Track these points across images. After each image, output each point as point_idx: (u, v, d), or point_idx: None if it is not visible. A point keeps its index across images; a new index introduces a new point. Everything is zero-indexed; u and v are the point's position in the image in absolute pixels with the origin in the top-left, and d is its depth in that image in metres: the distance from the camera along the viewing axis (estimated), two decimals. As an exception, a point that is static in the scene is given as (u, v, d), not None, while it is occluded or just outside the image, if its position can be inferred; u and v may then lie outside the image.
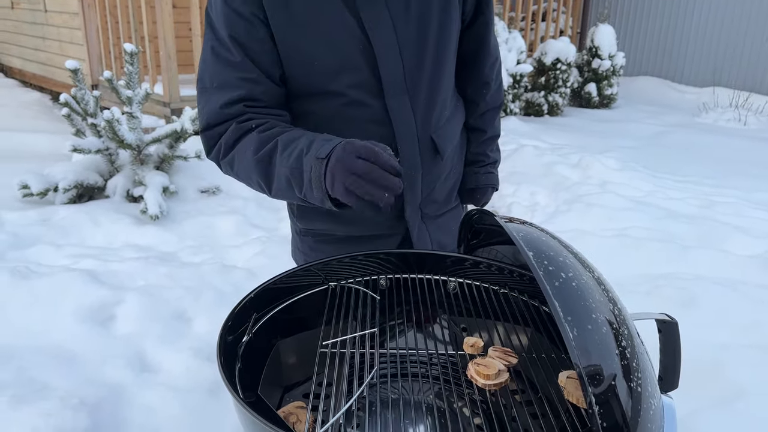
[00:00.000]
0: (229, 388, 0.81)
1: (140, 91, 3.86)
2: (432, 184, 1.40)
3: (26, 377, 2.00)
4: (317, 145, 1.03)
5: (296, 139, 1.08)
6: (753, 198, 4.51)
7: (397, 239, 1.44)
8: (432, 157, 1.35)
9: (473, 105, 1.49)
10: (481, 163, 1.54)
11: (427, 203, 1.41)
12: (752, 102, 8.49)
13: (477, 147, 1.53)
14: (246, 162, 1.12)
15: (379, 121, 1.25)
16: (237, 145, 1.14)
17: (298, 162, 1.04)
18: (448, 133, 1.39)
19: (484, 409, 1.00)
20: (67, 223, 3.56)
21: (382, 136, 1.25)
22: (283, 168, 1.06)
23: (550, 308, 0.79)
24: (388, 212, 1.37)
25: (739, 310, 2.62)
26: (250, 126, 1.14)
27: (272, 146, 1.09)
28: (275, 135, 1.11)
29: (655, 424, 0.80)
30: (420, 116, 1.29)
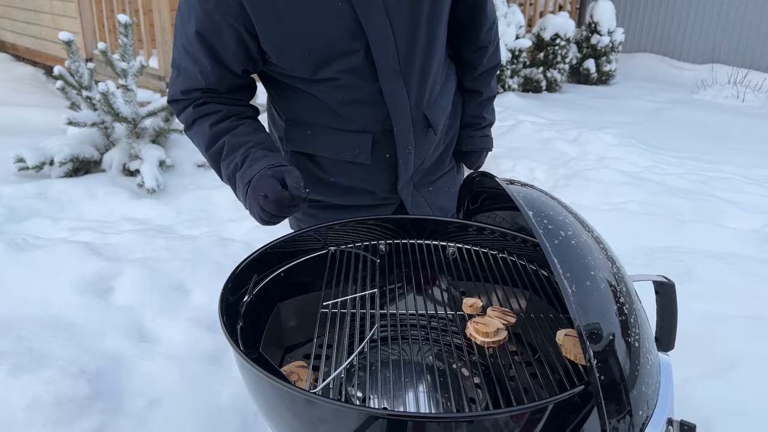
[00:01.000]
0: (232, 343, 0.82)
1: (135, 64, 3.82)
2: (423, 155, 1.40)
3: (26, 347, 2.00)
4: (246, 165, 1.16)
5: (237, 148, 1.20)
6: (750, 174, 4.52)
7: (391, 208, 1.45)
8: (424, 132, 1.36)
9: (470, 68, 1.47)
10: (477, 125, 1.53)
11: (417, 173, 1.42)
12: (751, 79, 8.46)
13: (473, 109, 1.52)
14: (201, 150, 1.28)
15: (373, 103, 1.26)
16: (193, 126, 1.26)
17: (233, 176, 1.20)
18: (440, 107, 1.39)
19: (483, 369, 1.02)
20: (64, 196, 3.55)
21: (377, 116, 1.27)
22: (224, 174, 1.23)
23: (550, 265, 0.80)
24: (382, 186, 1.39)
25: (734, 282, 2.64)
26: (205, 112, 1.24)
27: (219, 147, 1.22)
28: (223, 133, 1.23)
29: (652, 379, 0.81)
30: (413, 96, 1.28)
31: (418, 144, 1.35)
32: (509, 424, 0.75)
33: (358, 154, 1.31)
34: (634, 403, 0.76)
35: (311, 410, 0.76)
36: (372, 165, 1.33)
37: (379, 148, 1.31)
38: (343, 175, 1.37)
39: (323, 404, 0.74)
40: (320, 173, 1.38)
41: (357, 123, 1.28)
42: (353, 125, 1.29)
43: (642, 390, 0.78)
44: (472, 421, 0.73)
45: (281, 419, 0.84)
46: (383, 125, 1.28)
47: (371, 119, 1.28)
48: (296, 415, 0.79)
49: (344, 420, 0.73)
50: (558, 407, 0.76)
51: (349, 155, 1.32)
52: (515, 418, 0.75)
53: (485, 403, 0.97)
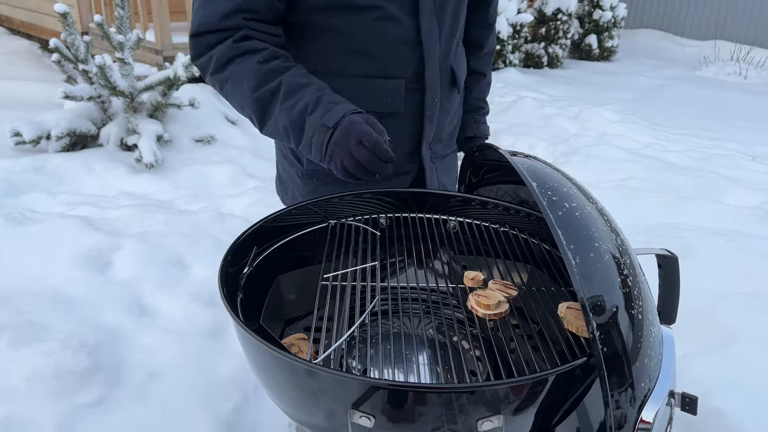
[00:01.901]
0: (232, 314, 0.81)
1: (132, 36, 3.77)
2: (443, 118, 1.37)
3: (25, 320, 2.00)
4: (323, 107, 1.02)
5: (301, 88, 1.05)
6: (751, 151, 4.50)
7: (408, 179, 1.41)
8: (449, 88, 1.33)
9: (476, 48, 1.47)
10: (481, 110, 1.54)
11: (435, 141, 1.39)
12: (753, 55, 8.39)
13: (478, 92, 1.52)
14: (241, 93, 1.09)
15: (409, 42, 1.22)
16: (230, 65, 1.09)
17: (300, 119, 1.04)
18: (462, 65, 1.38)
19: (484, 341, 1.01)
20: (62, 170, 3.53)
21: (410, 57, 1.23)
22: (283, 118, 1.05)
23: (553, 237, 0.79)
24: (404, 146, 1.34)
25: (735, 259, 2.64)
26: (248, 48, 1.09)
27: (274, 87, 1.06)
28: (277, 72, 1.08)
29: (654, 351, 0.80)
30: (443, 42, 1.26)
31: (443, 100, 1.33)
32: (510, 395, 0.75)
33: (391, 102, 1.26)
34: (636, 376, 0.76)
35: (312, 381, 0.76)
36: (402, 115, 1.28)
37: (410, 96, 1.27)
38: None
39: (324, 374, 0.73)
40: None
41: (391, 66, 1.23)
42: (385, 69, 1.23)
43: (644, 362, 0.77)
44: (473, 391, 0.73)
45: (282, 390, 0.84)
46: (415, 69, 1.25)
47: (405, 61, 1.24)
48: (297, 386, 0.79)
49: (345, 390, 0.73)
50: (559, 379, 0.76)
51: (381, 106, 1.25)
52: (516, 390, 0.74)
53: (486, 375, 0.97)
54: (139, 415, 1.76)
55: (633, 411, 0.76)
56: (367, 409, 0.73)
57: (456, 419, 0.73)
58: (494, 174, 1.27)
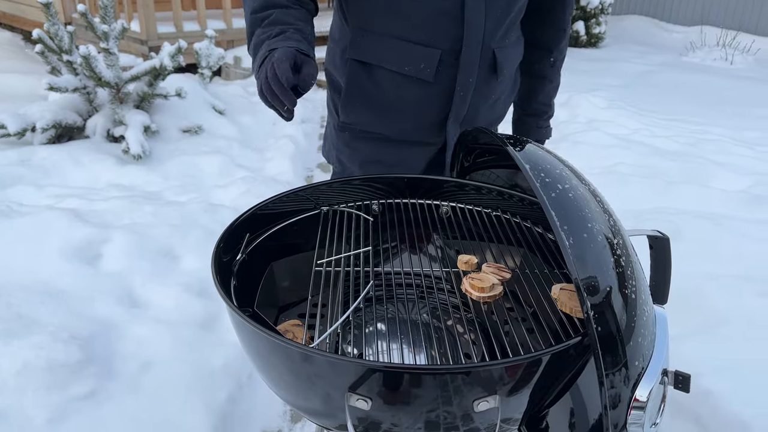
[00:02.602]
0: (226, 300, 0.81)
1: (116, 26, 3.72)
2: (479, 103, 1.36)
3: (14, 313, 1.98)
4: (280, 38, 1.09)
5: (279, 23, 1.12)
6: (738, 136, 4.53)
7: (433, 150, 1.42)
8: (489, 73, 1.32)
9: (545, 52, 1.47)
10: (545, 115, 1.55)
11: (467, 122, 1.38)
12: (739, 41, 8.43)
13: (544, 97, 1.53)
14: (246, 11, 1.19)
15: (451, 15, 1.22)
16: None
17: (262, 42, 1.12)
18: (509, 56, 1.36)
19: (479, 324, 1.02)
20: (48, 163, 3.48)
21: (451, 31, 1.23)
22: (255, 39, 1.14)
23: (547, 218, 0.79)
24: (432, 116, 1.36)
25: (723, 242, 2.66)
26: None
27: (266, 15, 1.14)
28: (276, 5, 1.15)
29: (648, 330, 0.81)
30: (489, 25, 1.25)
31: (480, 83, 1.32)
32: (504, 376, 0.75)
33: (423, 69, 1.27)
34: (630, 355, 0.76)
35: (308, 365, 0.76)
36: (432, 85, 1.29)
37: (442, 69, 1.28)
38: (397, 95, 1.32)
39: (320, 358, 0.73)
40: (374, 90, 1.33)
41: (430, 35, 1.24)
42: (424, 37, 1.25)
43: (638, 342, 0.78)
44: (468, 372, 0.73)
45: (277, 375, 0.84)
46: (453, 44, 1.25)
47: (445, 33, 1.24)
48: (293, 370, 0.79)
49: (342, 374, 0.73)
50: (554, 359, 0.76)
51: (412, 69, 1.27)
52: (511, 370, 0.75)
53: (480, 357, 0.98)
54: (133, 406, 1.75)
55: (627, 390, 0.76)
56: (364, 391, 0.73)
57: (452, 400, 0.74)
58: (487, 158, 1.27)
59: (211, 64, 4.66)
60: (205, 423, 1.73)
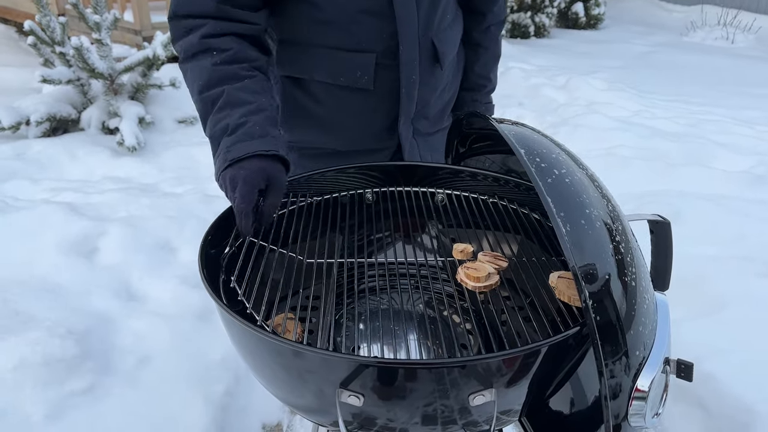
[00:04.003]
0: (213, 296, 0.79)
1: (108, 16, 3.67)
2: (428, 96, 1.31)
3: (10, 309, 1.97)
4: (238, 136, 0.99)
5: (235, 106, 1.02)
6: (739, 116, 4.49)
7: (387, 154, 1.37)
8: (431, 64, 1.26)
9: (478, 16, 1.39)
10: (483, 87, 1.46)
11: (419, 118, 1.33)
12: (740, 19, 8.34)
13: (480, 68, 1.44)
14: (192, 90, 1.08)
15: (381, 15, 1.16)
16: (193, 60, 1.07)
17: (219, 136, 1.01)
18: (449, 39, 1.30)
19: (475, 315, 0.99)
20: (43, 156, 3.46)
21: (383, 30, 1.17)
22: (210, 128, 1.04)
23: (543, 205, 0.76)
24: (380, 122, 1.30)
25: (725, 224, 2.64)
26: (212, 46, 1.06)
27: (216, 95, 1.03)
28: (227, 79, 1.04)
29: (648, 319, 0.79)
30: (423, 15, 1.19)
31: (424, 77, 1.26)
32: (502, 368, 0.73)
33: (360, 77, 1.20)
34: (630, 344, 0.74)
35: (300, 361, 0.74)
36: (374, 92, 1.23)
37: (381, 73, 1.21)
38: (337, 107, 1.25)
39: (310, 354, 0.71)
40: (312, 106, 1.27)
41: (360, 39, 1.18)
42: (355, 43, 1.18)
43: (639, 330, 0.76)
44: (464, 366, 0.71)
45: (269, 372, 0.82)
46: (388, 43, 1.18)
47: (376, 35, 1.17)
48: (284, 367, 0.77)
49: (334, 370, 0.71)
50: (552, 350, 0.74)
51: (348, 79, 1.21)
52: (508, 362, 0.73)
53: (477, 348, 0.96)
54: (131, 400, 1.74)
55: (628, 380, 0.74)
56: (356, 387, 0.71)
57: (447, 395, 0.72)
58: (482, 144, 1.24)
59: (206, 53, 4.61)
60: (204, 416, 1.72)
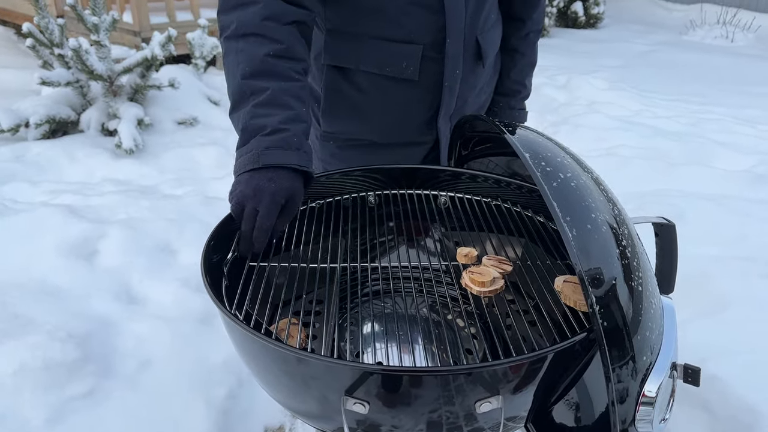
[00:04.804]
0: (216, 302, 0.78)
1: (107, 18, 3.66)
2: (467, 93, 1.32)
3: (10, 313, 1.96)
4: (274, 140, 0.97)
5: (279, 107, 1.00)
6: (740, 114, 4.48)
7: (424, 149, 1.37)
8: (474, 61, 1.27)
9: (518, 23, 1.39)
10: (517, 94, 1.46)
11: (456, 115, 1.33)
12: (740, 18, 8.33)
13: (517, 74, 1.44)
14: (233, 72, 1.04)
15: (431, 8, 1.16)
16: (243, 40, 1.03)
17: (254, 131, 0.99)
18: (492, 40, 1.31)
19: (480, 318, 0.98)
20: (42, 159, 3.45)
21: (431, 24, 1.18)
22: (245, 118, 1.00)
23: (548, 209, 0.76)
24: (420, 115, 1.30)
25: (727, 223, 2.63)
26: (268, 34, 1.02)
27: (260, 87, 1.01)
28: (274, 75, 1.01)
29: (655, 323, 0.78)
30: (470, 12, 1.20)
31: (466, 73, 1.26)
32: (508, 374, 0.72)
33: (405, 68, 1.21)
34: (637, 349, 0.73)
35: (303, 368, 0.73)
36: (418, 83, 1.23)
37: (427, 65, 1.22)
38: (381, 98, 1.26)
39: (315, 361, 0.70)
40: (356, 95, 1.27)
41: (408, 30, 1.18)
42: (403, 33, 1.18)
43: (646, 335, 0.75)
44: (470, 373, 0.70)
45: (272, 378, 0.81)
46: (435, 37, 1.19)
47: (425, 27, 1.18)
48: (287, 373, 0.76)
49: (337, 377, 0.70)
50: (559, 356, 0.73)
51: (394, 70, 1.21)
52: (514, 369, 0.72)
53: (482, 353, 0.95)
54: (132, 404, 1.73)
55: (635, 384, 0.74)
56: (361, 395, 0.70)
57: (453, 402, 0.71)
58: (485, 146, 1.23)
59: (205, 54, 4.60)
60: (205, 420, 1.71)
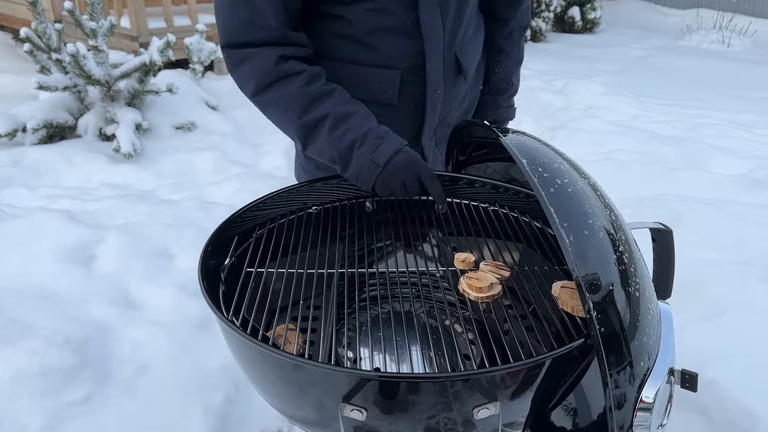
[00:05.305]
0: (213, 308, 0.78)
1: (105, 23, 3.66)
2: (450, 105, 1.32)
3: (7, 318, 1.95)
4: (371, 142, 1.06)
5: (347, 118, 1.08)
6: (737, 119, 4.50)
7: None
8: (454, 76, 1.27)
9: (501, 23, 1.39)
10: (504, 91, 1.47)
11: (441, 126, 1.33)
12: (736, 23, 8.37)
13: (502, 72, 1.44)
14: (287, 118, 1.11)
15: (408, 34, 1.17)
16: (272, 89, 1.09)
17: (348, 151, 1.07)
18: (471, 53, 1.31)
19: (477, 324, 0.98)
20: (40, 164, 3.44)
21: (409, 49, 1.18)
22: (332, 148, 1.08)
23: (545, 215, 0.76)
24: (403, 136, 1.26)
25: (724, 228, 2.63)
26: (289, 71, 1.09)
27: (320, 116, 1.08)
28: (322, 97, 1.09)
29: (653, 329, 0.78)
30: (448, 32, 1.20)
31: (447, 89, 1.26)
32: (506, 380, 0.72)
33: (385, 92, 1.21)
34: (635, 354, 0.73)
35: (300, 374, 0.73)
36: (398, 107, 1.24)
37: (407, 88, 1.22)
38: None
39: (312, 368, 0.70)
40: None
41: (386, 56, 1.18)
42: (381, 59, 1.19)
43: (643, 341, 0.75)
44: (467, 379, 0.70)
45: (269, 384, 0.81)
46: (413, 61, 1.19)
47: (402, 52, 1.18)
48: (284, 379, 0.76)
49: (334, 384, 0.70)
50: (556, 361, 0.73)
51: (374, 94, 1.22)
52: (512, 375, 0.72)
53: (480, 358, 0.95)
54: (130, 410, 1.72)
55: (633, 390, 0.74)
56: (358, 401, 0.70)
57: (451, 408, 0.71)
58: (482, 151, 1.23)
59: (203, 59, 4.60)
60: (203, 425, 1.71)
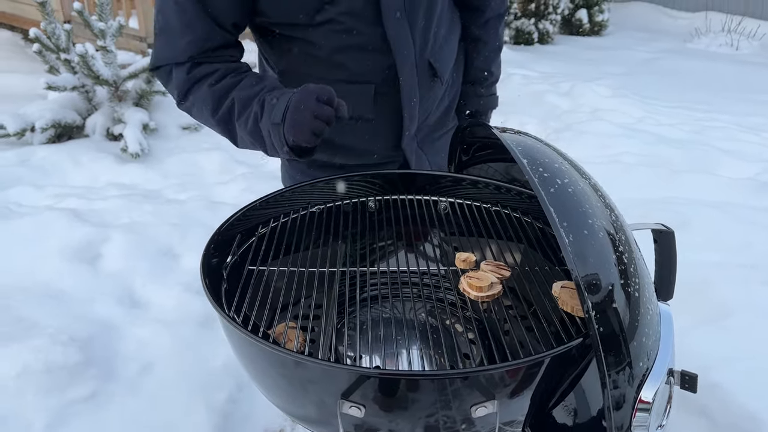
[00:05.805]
0: (215, 306, 0.78)
1: (113, 24, 3.69)
2: (428, 109, 1.32)
3: (13, 316, 1.97)
4: (267, 108, 1.05)
5: (250, 99, 1.08)
6: (744, 122, 4.48)
7: (394, 167, 1.37)
8: (430, 81, 1.27)
9: (477, 13, 1.37)
10: (484, 81, 1.44)
11: (422, 128, 1.33)
12: (745, 26, 8.33)
13: (481, 62, 1.42)
14: (205, 119, 1.15)
15: (377, 49, 1.17)
16: (190, 95, 1.14)
17: (255, 127, 1.08)
18: (446, 54, 1.30)
19: (477, 324, 0.99)
20: (47, 163, 3.47)
21: (379, 64, 1.18)
22: (244, 133, 1.10)
23: (546, 214, 0.76)
24: (384, 143, 1.31)
25: (731, 231, 2.62)
26: (200, 75, 1.12)
27: (228, 106, 1.10)
28: (228, 89, 1.11)
29: (652, 329, 0.78)
30: (418, 41, 1.20)
31: (423, 95, 1.26)
32: (505, 379, 0.72)
33: (360, 107, 1.21)
34: (634, 355, 0.73)
35: (301, 371, 0.73)
36: (375, 119, 1.24)
37: (381, 101, 1.22)
38: (340, 133, 1.24)
39: (312, 365, 0.70)
40: None
41: (356, 72, 1.19)
42: (352, 75, 1.19)
43: (642, 341, 0.75)
44: (466, 377, 0.70)
45: (271, 381, 0.81)
46: (385, 74, 1.19)
47: (372, 67, 1.19)
48: (285, 377, 0.76)
49: (334, 381, 0.70)
50: (555, 360, 0.73)
51: (349, 110, 1.20)
52: (511, 373, 0.72)
53: (480, 358, 0.95)
54: (133, 408, 1.74)
55: (632, 390, 0.74)
56: (357, 398, 0.70)
57: (449, 406, 0.71)
58: (485, 152, 1.24)
59: (211, 59, 4.62)
60: (206, 423, 1.72)
